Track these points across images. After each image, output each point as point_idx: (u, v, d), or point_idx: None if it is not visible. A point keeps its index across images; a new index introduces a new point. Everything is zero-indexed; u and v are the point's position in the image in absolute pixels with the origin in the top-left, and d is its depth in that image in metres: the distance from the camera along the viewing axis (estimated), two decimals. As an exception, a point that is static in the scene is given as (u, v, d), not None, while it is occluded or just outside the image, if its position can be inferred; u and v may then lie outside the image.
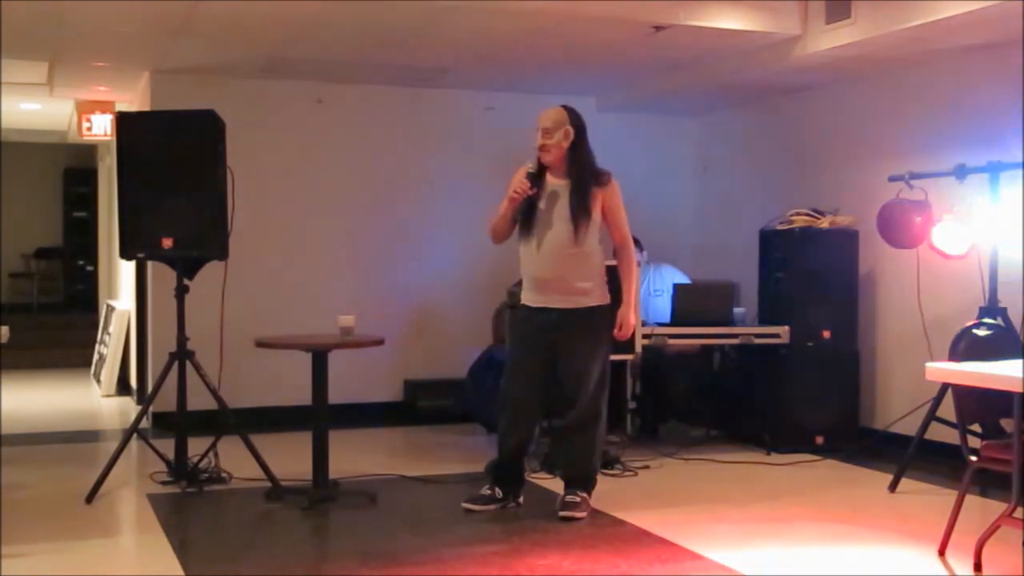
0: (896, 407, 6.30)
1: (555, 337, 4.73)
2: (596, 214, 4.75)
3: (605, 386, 4.83)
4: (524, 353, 4.81)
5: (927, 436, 5.34)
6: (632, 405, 6.59)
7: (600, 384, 4.77)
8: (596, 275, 4.79)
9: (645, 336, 6.03)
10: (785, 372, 6.35)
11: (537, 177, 4.74)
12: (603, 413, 4.84)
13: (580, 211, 4.69)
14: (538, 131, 4.75)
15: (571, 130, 4.74)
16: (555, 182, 4.76)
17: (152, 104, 7.00)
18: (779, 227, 6.59)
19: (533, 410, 4.89)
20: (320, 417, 5.00)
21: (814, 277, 6.42)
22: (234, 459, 5.35)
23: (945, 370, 3.94)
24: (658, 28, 5.82)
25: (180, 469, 5.29)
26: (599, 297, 4.79)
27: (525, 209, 4.74)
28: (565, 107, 4.80)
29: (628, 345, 5.60)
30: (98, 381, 9.62)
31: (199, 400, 5.39)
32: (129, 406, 8.44)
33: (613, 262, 4.92)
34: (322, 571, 4.14)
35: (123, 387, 9.17)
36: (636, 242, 6.98)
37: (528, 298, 4.82)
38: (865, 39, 5.61)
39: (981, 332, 4.43)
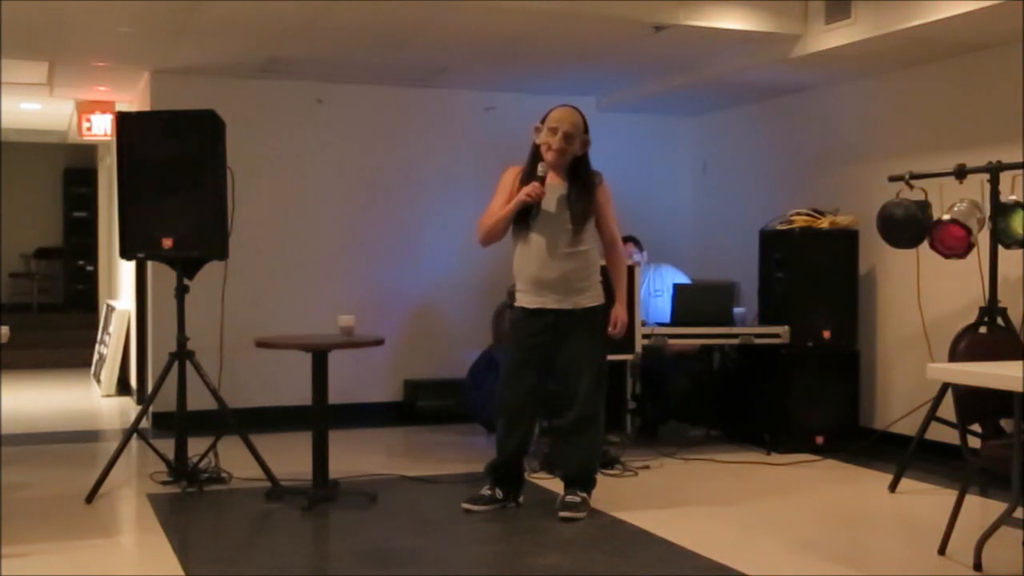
0: (896, 407, 6.30)
1: (552, 338, 4.72)
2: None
3: (602, 386, 4.83)
4: (521, 356, 4.79)
5: (927, 436, 5.34)
6: (632, 405, 6.60)
7: (597, 384, 4.76)
8: (594, 275, 4.79)
9: (645, 336, 6.02)
10: (785, 372, 6.34)
11: (543, 179, 4.71)
12: (601, 413, 4.84)
13: (584, 212, 4.69)
14: (553, 131, 4.67)
15: (589, 140, 4.74)
16: (553, 182, 4.74)
17: (152, 104, 7.00)
18: (779, 227, 6.59)
19: (531, 413, 4.88)
20: (320, 417, 4.99)
21: (814, 277, 6.42)
22: (234, 459, 5.35)
23: (945, 370, 3.95)
24: (658, 28, 5.82)
25: (180, 469, 5.30)
26: (595, 297, 4.78)
27: (522, 210, 4.71)
28: (578, 110, 4.75)
29: (628, 345, 5.60)
30: (98, 381, 9.62)
31: (199, 400, 5.39)
32: (129, 406, 8.44)
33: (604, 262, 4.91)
34: (322, 571, 4.14)
35: (123, 387, 9.17)
36: (636, 242, 7.02)
37: (524, 300, 4.79)
38: (865, 39, 5.61)
39: (981, 332, 4.43)
